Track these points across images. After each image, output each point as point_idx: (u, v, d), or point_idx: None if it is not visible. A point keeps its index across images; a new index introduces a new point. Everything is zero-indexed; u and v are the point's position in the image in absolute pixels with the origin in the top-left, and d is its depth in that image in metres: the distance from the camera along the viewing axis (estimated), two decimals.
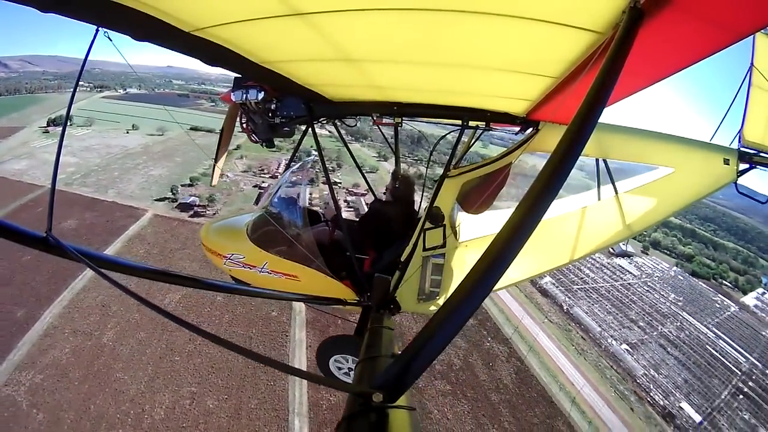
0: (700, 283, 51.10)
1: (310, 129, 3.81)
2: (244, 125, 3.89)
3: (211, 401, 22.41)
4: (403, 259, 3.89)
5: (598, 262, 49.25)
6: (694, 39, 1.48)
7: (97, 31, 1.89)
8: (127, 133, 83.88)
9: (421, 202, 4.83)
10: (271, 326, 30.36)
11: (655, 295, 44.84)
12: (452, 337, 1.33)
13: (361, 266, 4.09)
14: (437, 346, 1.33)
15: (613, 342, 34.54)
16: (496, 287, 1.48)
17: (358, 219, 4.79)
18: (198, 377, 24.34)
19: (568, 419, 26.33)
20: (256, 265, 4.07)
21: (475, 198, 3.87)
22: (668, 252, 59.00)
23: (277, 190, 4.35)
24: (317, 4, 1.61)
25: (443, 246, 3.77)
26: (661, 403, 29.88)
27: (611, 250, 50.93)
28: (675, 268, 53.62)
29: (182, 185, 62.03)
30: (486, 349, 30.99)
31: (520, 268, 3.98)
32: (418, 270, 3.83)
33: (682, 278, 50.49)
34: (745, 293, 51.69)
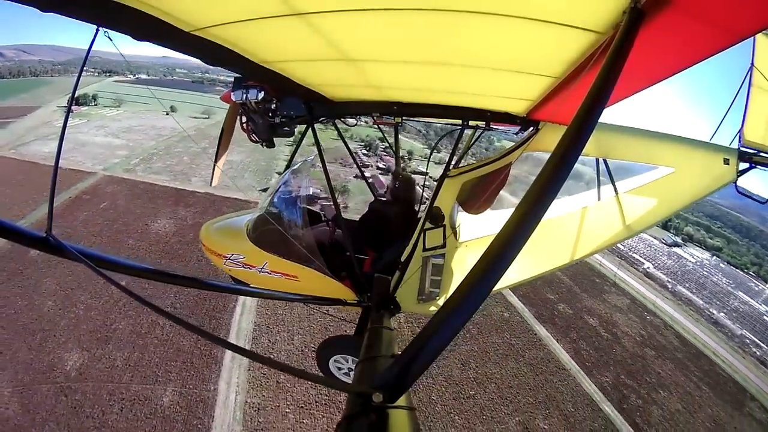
0: (737, 270, 55.87)
1: (310, 129, 3.82)
2: (244, 125, 3.89)
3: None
4: (403, 259, 3.89)
5: (660, 251, 52.47)
6: (694, 40, 1.48)
7: (97, 30, 1.89)
8: (167, 114, 74.15)
9: (421, 202, 4.84)
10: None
11: (714, 278, 48.97)
12: (452, 337, 1.33)
13: (361, 266, 4.09)
14: (437, 346, 1.33)
15: (714, 312, 37.19)
16: (496, 287, 1.48)
17: (358, 219, 4.79)
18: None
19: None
20: (255, 265, 4.07)
21: (475, 198, 3.87)
22: (699, 244, 63.87)
23: (277, 190, 4.35)
24: (317, 4, 1.61)
25: (443, 246, 3.77)
26: None
27: (664, 240, 55.23)
28: (713, 258, 58.89)
29: (277, 173, 50.32)
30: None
31: (521, 268, 3.98)
32: (418, 270, 3.83)
33: (723, 266, 55.71)
34: (767, 282, 55.68)
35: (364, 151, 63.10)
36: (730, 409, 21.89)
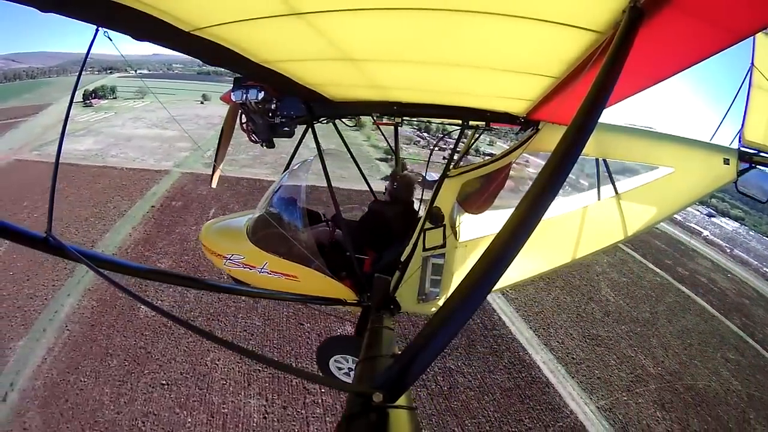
0: (763, 237, 58.22)
1: (310, 129, 3.82)
2: (244, 125, 3.89)
3: None
4: (402, 259, 3.89)
5: (703, 221, 53.87)
6: (694, 39, 1.47)
7: (97, 30, 1.89)
8: (202, 103, 69.94)
9: (420, 202, 4.84)
10: None
11: (752, 243, 50.87)
12: (452, 337, 1.33)
13: (361, 266, 4.09)
14: (437, 346, 1.33)
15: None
16: (496, 287, 1.48)
17: (358, 219, 4.79)
18: None
19: None
20: (255, 265, 4.07)
21: (475, 198, 3.87)
22: (723, 215, 66.68)
23: (277, 191, 4.35)
24: (317, 3, 1.61)
25: (443, 246, 3.78)
26: None
27: (700, 212, 58.03)
28: (741, 226, 61.78)
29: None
30: None
31: (521, 268, 3.98)
32: (418, 270, 3.83)
33: (753, 233, 58.56)
34: None
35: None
36: None
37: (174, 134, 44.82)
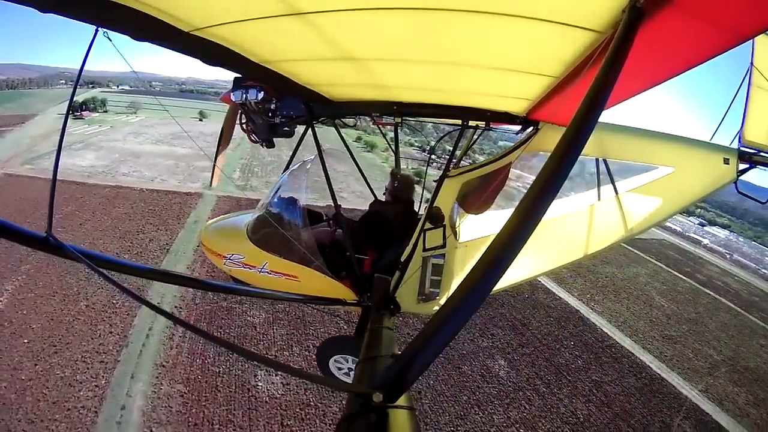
0: (752, 241, 62.08)
1: (310, 129, 3.82)
2: (244, 125, 3.89)
3: None
4: (403, 259, 3.89)
5: (698, 230, 56.58)
6: (695, 40, 1.47)
7: (97, 31, 1.89)
8: (201, 120, 66.45)
9: (421, 202, 4.83)
10: None
11: (744, 248, 53.64)
12: (452, 337, 1.33)
13: (361, 266, 4.09)
14: (437, 346, 1.33)
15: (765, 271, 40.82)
16: (496, 287, 1.48)
17: (358, 219, 4.79)
18: None
19: None
20: (255, 265, 4.07)
21: (475, 198, 3.87)
22: (711, 223, 70.23)
23: (277, 190, 4.36)
24: (317, 3, 1.61)
25: (443, 246, 3.78)
26: None
27: (692, 222, 61.69)
28: (731, 233, 65.82)
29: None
30: None
31: (521, 268, 3.98)
32: (418, 270, 3.83)
33: (742, 239, 62.36)
34: None
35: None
36: None
37: (188, 152, 39.76)
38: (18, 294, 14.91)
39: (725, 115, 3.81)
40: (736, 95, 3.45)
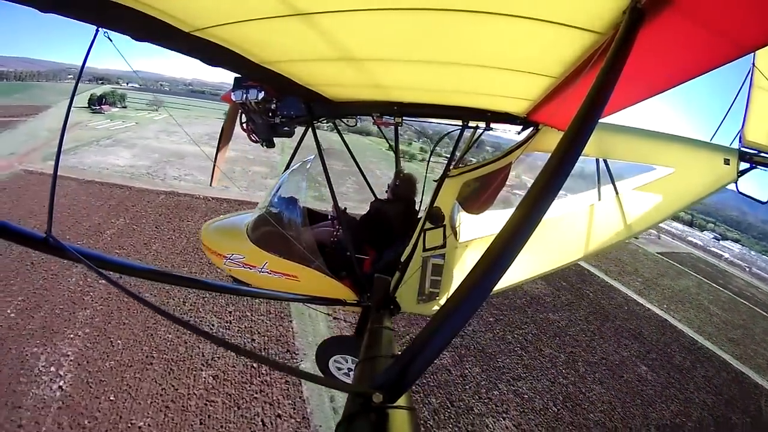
0: (761, 255, 61.76)
1: (310, 129, 3.82)
2: (244, 125, 3.89)
3: None
4: (403, 259, 3.89)
5: (715, 245, 57.19)
6: (696, 48, 1.45)
7: (97, 31, 1.89)
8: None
9: (421, 202, 4.83)
10: None
11: (759, 261, 54.24)
12: (452, 337, 1.34)
13: (361, 266, 4.09)
14: (437, 347, 1.33)
15: None
16: (496, 288, 1.48)
17: (358, 219, 4.79)
18: None
19: None
20: (255, 265, 4.07)
21: (476, 198, 3.87)
22: (722, 237, 70.38)
23: (277, 190, 4.36)
24: (317, 4, 1.61)
25: (443, 246, 3.78)
26: None
27: (707, 236, 62.31)
28: (743, 247, 65.42)
29: None
30: None
31: (521, 268, 3.98)
32: (418, 270, 3.83)
33: (754, 253, 62.30)
34: None
35: None
36: None
37: (236, 155, 34.27)
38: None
39: (726, 115, 3.80)
40: (737, 95, 3.45)
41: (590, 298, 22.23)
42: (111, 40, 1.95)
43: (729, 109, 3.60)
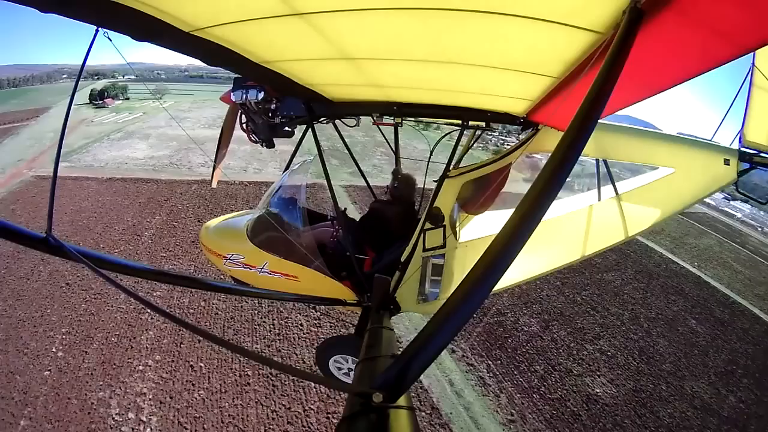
0: None
1: (310, 129, 3.82)
2: (244, 125, 3.89)
3: None
4: (403, 259, 3.88)
5: (728, 205, 54.35)
6: (695, 48, 1.45)
7: (97, 31, 1.89)
8: None
9: (421, 203, 4.83)
10: None
11: None
12: (452, 337, 1.33)
13: (361, 267, 4.09)
14: (437, 346, 1.33)
15: None
16: (496, 288, 1.48)
17: (358, 219, 4.79)
18: None
19: None
20: (255, 265, 4.07)
21: (475, 198, 3.87)
22: (731, 197, 70.39)
23: (277, 190, 4.36)
24: (318, 3, 1.61)
25: (443, 246, 3.77)
26: None
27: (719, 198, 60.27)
28: (752, 207, 62.14)
29: None
30: None
31: (521, 268, 3.98)
32: (418, 270, 3.83)
33: (763, 214, 58.65)
34: None
35: None
36: None
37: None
38: None
39: (726, 115, 3.80)
40: (737, 96, 3.45)
41: (633, 257, 22.78)
42: (111, 40, 1.95)
43: (729, 109, 3.60)
